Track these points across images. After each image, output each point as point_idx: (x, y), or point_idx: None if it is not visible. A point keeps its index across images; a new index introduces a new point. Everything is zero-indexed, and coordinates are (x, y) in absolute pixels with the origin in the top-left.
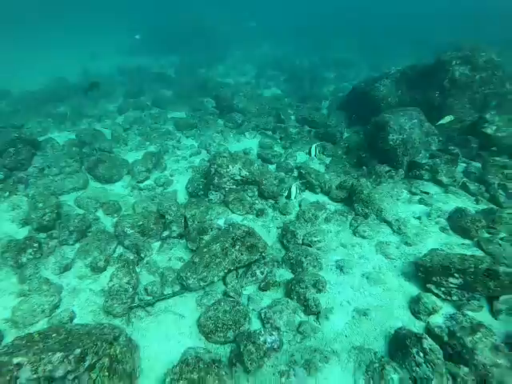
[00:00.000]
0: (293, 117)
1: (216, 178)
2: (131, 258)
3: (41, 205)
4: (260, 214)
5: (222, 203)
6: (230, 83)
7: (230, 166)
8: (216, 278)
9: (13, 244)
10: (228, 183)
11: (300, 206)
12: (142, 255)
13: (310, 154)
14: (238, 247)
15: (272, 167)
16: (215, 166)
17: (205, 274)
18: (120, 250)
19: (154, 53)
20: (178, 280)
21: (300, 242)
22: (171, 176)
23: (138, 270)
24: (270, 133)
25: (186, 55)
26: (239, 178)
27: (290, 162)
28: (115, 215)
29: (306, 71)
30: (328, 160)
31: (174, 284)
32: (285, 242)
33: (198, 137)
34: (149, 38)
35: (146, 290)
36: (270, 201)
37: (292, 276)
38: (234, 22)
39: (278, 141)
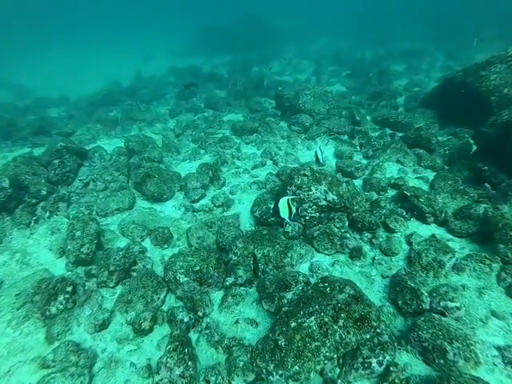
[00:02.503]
0: (368, 117)
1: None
2: (185, 320)
3: (78, 233)
4: (356, 254)
5: (302, 237)
6: (288, 81)
7: (313, 188)
8: (313, 374)
9: (44, 285)
10: (309, 210)
11: (410, 242)
12: (200, 313)
13: (317, 160)
14: (342, 322)
15: (357, 183)
16: (293, 188)
17: (297, 367)
18: (171, 299)
19: (207, 52)
20: (254, 367)
21: (427, 305)
22: (231, 194)
23: (194, 337)
24: (345, 137)
25: (239, 53)
26: (324, 203)
27: (379, 176)
28: (165, 246)
29: (370, 65)
30: (427, 173)
31: (247, 371)
32: (401, 303)
33: (261, 143)
34: (201, 38)
35: (207, 381)
36: (366, 234)
37: (424, 367)
38: (287, 18)
39: (358, 148)
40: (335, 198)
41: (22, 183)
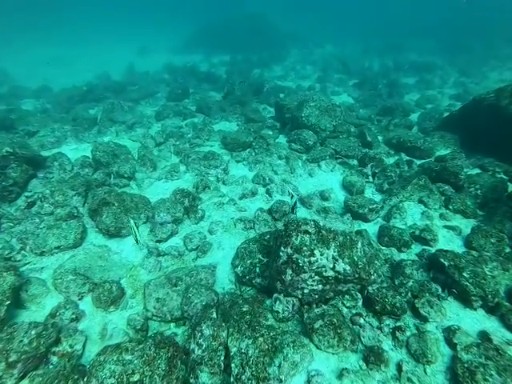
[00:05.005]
0: (380, 137)
1: (289, 271)
2: None
3: None
4: (374, 359)
5: (296, 317)
6: (291, 87)
7: (317, 253)
8: None
9: None
10: (310, 281)
11: (452, 343)
12: None
13: (292, 210)
14: None
15: (370, 229)
16: (289, 251)
17: None
18: None
19: (206, 50)
20: None
21: None
22: (210, 233)
23: None
24: (354, 162)
25: (240, 53)
26: (332, 274)
27: (398, 221)
28: (111, 308)
29: (378, 75)
30: (457, 220)
31: None
32: None
33: (253, 164)
34: (202, 35)
35: None
36: (387, 322)
37: None
38: (292, 20)
39: (370, 178)
40: (347, 268)
41: None
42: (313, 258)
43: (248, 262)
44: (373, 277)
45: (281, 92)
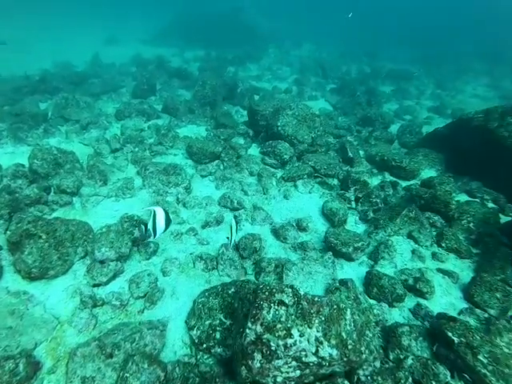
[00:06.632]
0: (361, 151)
1: (258, 356)
2: None
3: None
4: None
5: None
6: (266, 88)
7: (296, 333)
8: None
9: None
10: (285, 368)
11: None
12: None
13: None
14: None
15: (354, 271)
16: (258, 329)
17: None
18: None
19: (180, 43)
20: None
21: None
22: (164, 274)
23: None
24: (334, 181)
25: (215, 49)
26: (314, 360)
27: (386, 265)
28: None
29: (356, 81)
30: (450, 261)
31: None
32: None
33: (221, 181)
34: (175, 27)
35: None
36: None
37: None
38: (271, 18)
39: (353, 204)
40: (334, 352)
41: None
42: (290, 341)
43: (207, 323)
44: (364, 355)
45: (256, 93)
